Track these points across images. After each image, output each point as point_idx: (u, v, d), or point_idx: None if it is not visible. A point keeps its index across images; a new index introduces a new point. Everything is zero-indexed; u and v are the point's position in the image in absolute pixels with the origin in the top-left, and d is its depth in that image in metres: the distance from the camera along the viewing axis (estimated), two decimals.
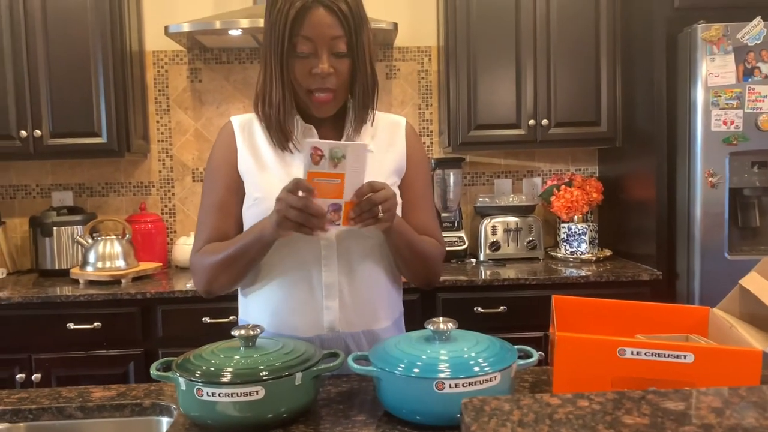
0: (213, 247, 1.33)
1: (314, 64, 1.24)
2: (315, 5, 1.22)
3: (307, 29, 1.22)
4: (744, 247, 2.50)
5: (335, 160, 1.11)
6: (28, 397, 1.25)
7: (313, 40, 1.23)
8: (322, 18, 1.22)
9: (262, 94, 1.30)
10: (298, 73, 1.26)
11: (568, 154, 3.16)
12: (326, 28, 1.22)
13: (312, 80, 1.26)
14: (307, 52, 1.24)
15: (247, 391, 1.02)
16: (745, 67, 2.37)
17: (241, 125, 1.37)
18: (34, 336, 2.40)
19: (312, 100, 1.28)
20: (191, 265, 1.37)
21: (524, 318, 2.48)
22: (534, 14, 2.73)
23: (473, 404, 0.68)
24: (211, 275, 1.31)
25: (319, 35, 1.23)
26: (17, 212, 3.01)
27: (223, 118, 3.03)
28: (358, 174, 1.14)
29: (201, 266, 1.33)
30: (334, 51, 1.24)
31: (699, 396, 0.69)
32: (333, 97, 1.28)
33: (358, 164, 1.13)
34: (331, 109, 1.31)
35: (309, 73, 1.25)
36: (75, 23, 2.62)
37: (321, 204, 1.14)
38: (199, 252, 1.34)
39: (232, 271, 1.30)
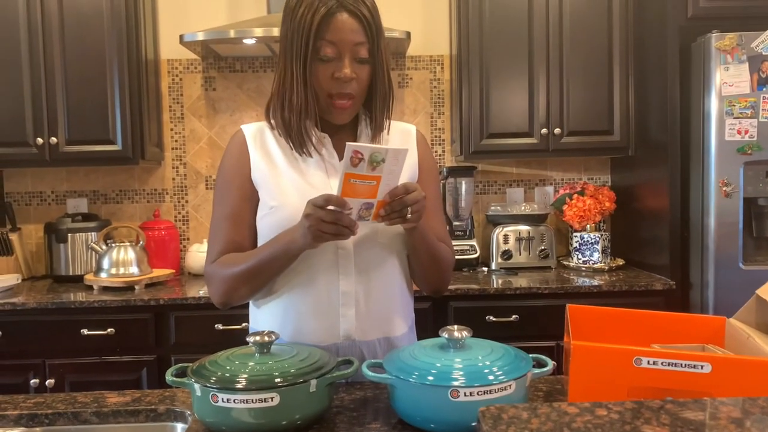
0: (231, 258, 1.32)
1: (337, 68, 1.25)
2: (339, 10, 1.23)
3: (331, 34, 1.23)
4: (758, 257, 2.48)
5: (374, 164, 1.12)
6: (44, 402, 1.26)
7: (336, 45, 1.24)
8: (346, 23, 1.23)
9: (281, 98, 1.30)
10: (320, 77, 1.26)
11: (581, 163, 3.16)
12: (350, 33, 1.24)
13: (334, 85, 1.26)
14: (331, 56, 1.25)
15: (262, 397, 1.02)
16: (759, 76, 2.36)
17: (252, 134, 1.37)
18: (49, 341, 2.42)
19: (333, 105, 1.28)
20: (207, 276, 1.36)
21: (536, 327, 2.47)
22: (546, 23, 2.74)
23: (491, 412, 0.67)
24: (231, 286, 1.31)
25: (342, 40, 1.24)
26: (32, 219, 3.04)
27: (236, 126, 3.05)
28: (394, 176, 1.16)
29: (219, 277, 1.32)
30: (357, 57, 1.26)
31: (718, 406, 0.69)
32: (352, 104, 1.29)
33: (395, 167, 1.15)
34: (349, 115, 1.32)
35: (331, 77, 1.26)
36: (91, 31, 2.65)
37: (354, 203, 1.15)
38: (214, 263, 1.33)
39: (255, 282, 1.30)
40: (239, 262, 1.29)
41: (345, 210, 1.15)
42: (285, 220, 1.28)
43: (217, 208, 1.36)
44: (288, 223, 1.28)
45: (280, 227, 1.29)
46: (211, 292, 1.35)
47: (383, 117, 1.35)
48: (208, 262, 1.36)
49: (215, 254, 1.34)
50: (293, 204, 1.29)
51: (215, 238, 1.35)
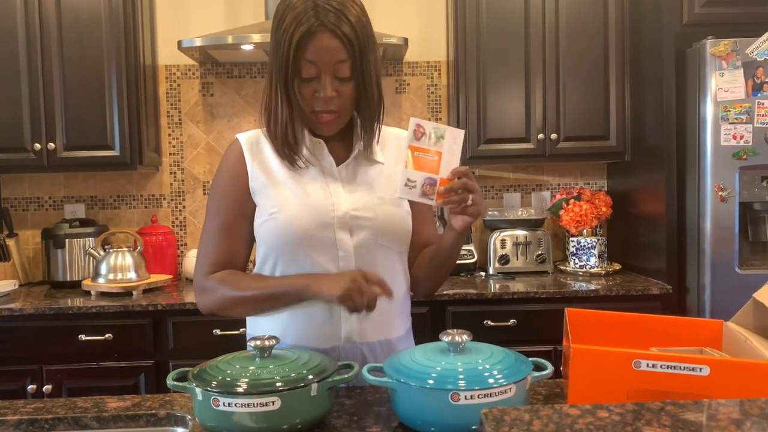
0: (229, 277, 1.32)
1: (318, 87, 1.25)
2: (320, 29, 1.21)
3: (311, 53, 1.22)
4: (754, 262, 2.49)
5: (435, 138, 1.21)
6: (44, 407, 1.25)
7: (317, 65, 1.23)
8: (326, 42, 1.21)
9: (268, 111, 1.31)
10: (303, 94, 1.26)
11: (577, 168, 3.17)
12: (330, 53, 1.22)
13: (316, 102, 1.26)
14: (312, 76, 1.24)
15: (263, 401, 1.02)
16: (754, 82, 2.38)
17: (248, 142, 1.37)
18: (46, 347, 2.42)
19: (317, 120, 1.29)
20: (197, 285, 1.37)
21: (534, 331, 2.48)
22: (543, 29, 2.76)
23: (493, 414, 0.68)
24: (225, 305, 1.33)
25: (322, 60, 1.23)
26: (30, 224, 3.04)
27: (234, 131, 3.06)
28: (454, 155, 1.22)
29: (213, 293, 1.33)
30: (338, 75, 1.25)
31: (718, 407, 0.70)
32: (336, 117, 1.29)
33: (455, 146, 1.22)
34: (335, 127, 1.32)
35: (313, 95, 1.26)
36: (89, 37, 2.66)
37: (418, 177, 1.20)
38: (210, 277, 1.34)
39: (253, 309, 1.33)
40: (242, 286, 1.31)
41: (385, 295, 1.19)
42: (285, 228, 1.29)
43: (210, 218, 1.37)
44: (288, 230, 1.28)
45: (280, 234, 1.29)
46: (201, 300, 1.36)
47: (374, 128, 1.35)
48: (199, 272, 1.35)
49: (208, 265, 1.34)
50: (293, 210, 1.29)
51: (208, 249, 1.35)
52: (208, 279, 1.34)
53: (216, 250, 1.35)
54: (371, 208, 1.32)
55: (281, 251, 1.31)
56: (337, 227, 1.30)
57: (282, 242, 1.30)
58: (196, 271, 1.37)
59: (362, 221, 1.31)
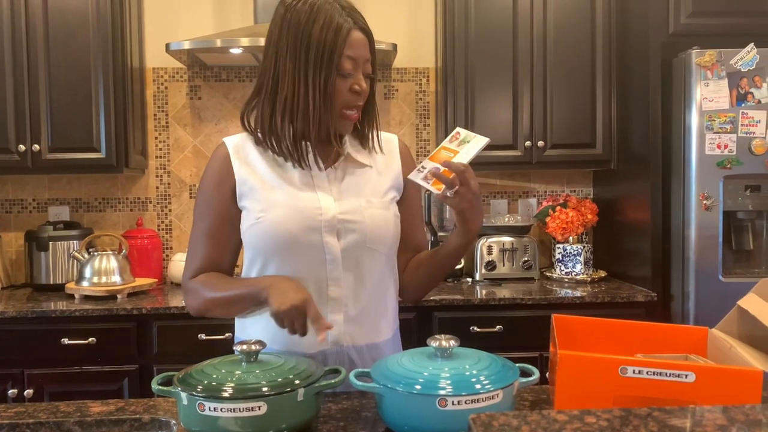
0: (210, 279, 1.35)
1: (353, 82, 1.30)
2: (355, 27, 1.29)
3: (351, 50, 1.28)
4: (738, 270, 2.52)
5: (462, 142, 1.32)
6: (26, 411, 1.24)
7: (355, 60, 1.29)
8: (361, 40, 1.29)
9: (292, 111, 1.29)
10: (340, 91, 1.29)
11: (564, 175, 3.19)
12: (364, 50, 1.30)
13: (351, 98, 1.31)
14: (350, 72, 1.29)
15: (249, 406, 1.01)
16: (738, 92, 2.41)
17: (235, 147, 1.36)
18: (28, 351, 2.38)
19: (345, 117, 1.32)
20: (185, 288, 1.39)
21: (520, 338, 2.49)
22: (531, 37, 2.77)
23: (481, 420, 0.68)
24: (206, 307, 1.35)
25: (359, 56, 1.29)
26: (13, 226, 3.00)
27: (221, 135, 3.05)
28: (467, 155, 1.29)
29: (196, 295, 1.35)
30: (366, 72, 1.32)
31: (704, 413, 0.70)
32: (359, 116, 1.35)
33: (472, 149, 1.30)
34: (352, 126, 1.36)
35: (349, 90, 1.30)
36: (76, 39, 2.64)
37: (429, 165, 1.29)
38: (193, 279, 1.37)
39: (229, 310, 1.35)
40: (217, 287, 1.33)
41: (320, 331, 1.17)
42: (271, 231, 1.29)
43: (197, 223, 1.38)
44: (274, 233, 1.28)
45: (267, 237, 1.29)
46: (188, 303, 1.39)
47: (373, 127, 1.40)
48: (186, 275, 1.38)
49: (193, 270, 1.37)
50: (281, 213, 1.29)
51: (194, 254, 1.38)
52: (192, 281, 1.37)
53: (201, 255, 1.37)
54: (359, 212, 1.32)
55: (268, 255, 1.31)
56: (325, 231, 1.30)
57: (269, 246, 1.30)
58: (184, 273, 1.40)
59: (350, 224, 1.31)
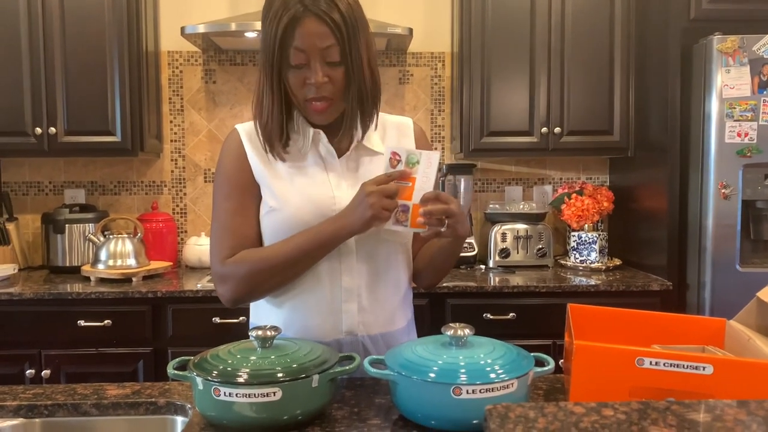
0: (252, 253, 1.28)
1: (308, 74, 1.22)
2: (306, 14, 1.18)
3: (298, 40, 1.20)
4: (755, 260, 2.49)
5: (410, 165, 1.22)
6: (44, 393, 1.25)
7: (305, 51, 1.21)
8: (313, 28, 1.19)
9: (258, 103, 1.28)
10: (293, 83, 1.24)
11: (580, 162, 3.16)
12: (317, 39, 1.19)
13: (307, 90, 1.24)
14: (301, 63, 1.22)
15: (264, 392, 1.02)
16: (760, 79, 2.36)
17: (247, 133, 1.34)
18: (45, 332, 2.41)
19: (309, 108, 1.27)
20: (221, 274, 1.29)
21: (533, 325, 2.48)
22: (549, 22, 2.74)
23: (498, 411, 0.68)
24: (257, 281, 1.27)
25: (310, 46, 1.20)
26: (30, 209, 3.03)
27: (236, 119, 3.05)
28: (428, 180, 1.22)
29: (240, 273, 1.27)
30: (327, 60, 1.22)
31: (725, 408, 0.69)
32: (329, 105, 1.26)
33: (429, 170, 1.22)
34: (329, 116, 1.29)
35: (303, 83, 1.24)
36: (92, 22, 2.64)
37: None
38: (229, 261, 1.28)
39: (288, 273, 1.27)
40: (269, 255, 1.26)
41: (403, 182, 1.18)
42: (286, 221, 1.28)
43: (221, 205, 1.32)
44: (289, 223, 1.27)
45: (281, 228, 1.28)
46: (227, 289, 1.29)
47: (367, 114, 1.32)
48: (218, 260, 1.29)
49: (227, 249, 1.28)
50: (294, 204, 1.28)
51: (224, 234, 1.30)
52: (224, 265, 1.29)
53: (230, 234, 1.30)
54: None
55: None
56: None
57: (284, 235, 1.28)
58: (213, 263, 1.31)
59: None
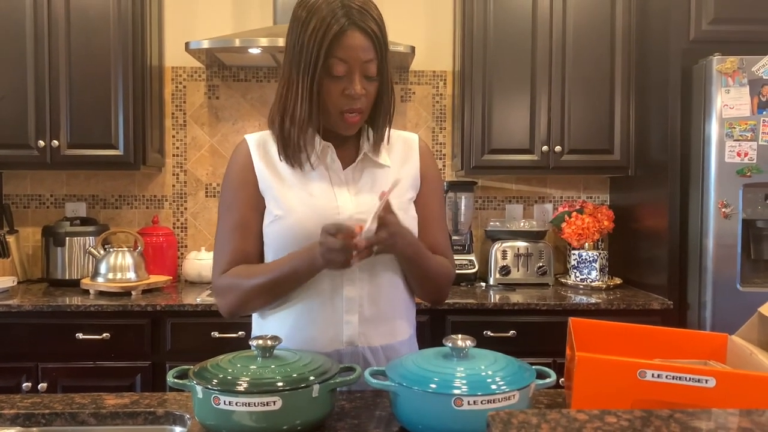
0: (245, 270, 1.31)
1: (347, 85, 1.25)
2: (351, 27, 1.22)
3: (343, 51, 1.23)
4: (756, 279, 2.48)
5: None
6: (41, 402, 1.24)
7: (348, 63, 1.24)
8: (357, 41, 1.23)
9: (282, 109, 1.30)
10: (332, 93, 1.26)
11: (580, 181, 3.17)
12: (361, 52, 1.23)
13: (344, 101, 1.27)
14: (341, 74, 1.25)
15: (264, 401, 1.01)
16: (759, 99, 2.38)
17: (256, 144, 1.37)
18: (43, 345, 2.40)
19: (343, 120, 1.29)
20: (217, 287, 1.34)
21: (534, 343, 2.47)
22: (550, 41, 2.76)
23: (500, 417, 0.67)
24: (247, 298, 1.30)
25: (353, 58, 1.24)
26: (30, 221, 3.03)
27: (239, 135, 3.06)
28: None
29: (232, 289, 1.31)
30: (366, 74, 1.26)
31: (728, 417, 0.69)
32: (360, 118, 1.30)
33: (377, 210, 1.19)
34: (357, 128, 1.32)
35: (341, 94, 1.26)
36: (97, 36, 2.66)
37: None
38: (225, 275, 1.32)
39: (272, 295, 1.31)
40: (256, 274, 1.29)
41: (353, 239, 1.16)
42: (290, 230, 1.29)
43: (223, 218, 1.35)
44: (293, 232, 1.28)
45: (286, 236, 1.29)
46: (222, 303, 1.34)
47: (385, 128, 1.36)
48: (217, 273, 1.34)
49: (224, 264, 1.33)
50: (298, 214, 1.29)
51: (223, 249, 1.34)
52: (220, 278, 1.33)
53: (230, 248, 1.33)
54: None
55: (286, 252, 1.31)
56: None
57: (287, 243, 1.29)
58: (213, 275, 1.36)
59: None
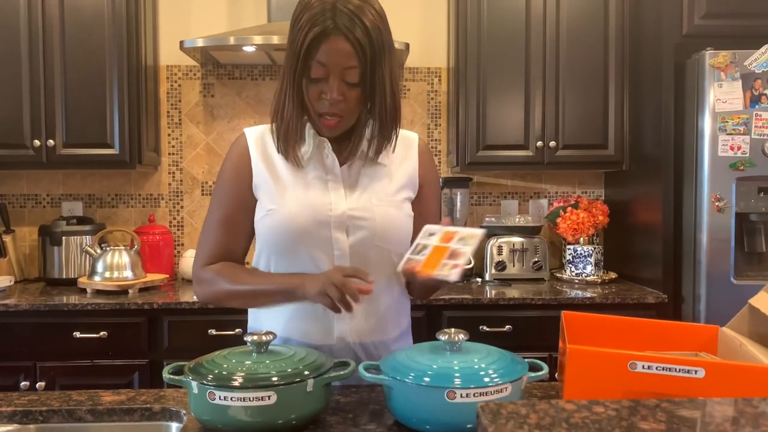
0: (227, 270, 1.34)
1: (325, 89, 1.25)
2: (334, 32, 1.20)
3: (322, 55, 1.22)
4: (750, 272, 2.50)
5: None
6: (38, 399, 1.25)
7: (326, 67, 1.23)
8: (338, 46, 1.21)
9: (276, 106, 1.32)
10: (310, 95, 1.27)
11: (575, 176, 3.18)
12: (341, 57, 1.22)
13: (321, 104, 1.26)
14: (320, 77, 1.24)
15: (259, 395, 1.02)
16: (752, 93, 2.39)
17: (255, 138, 1.38)
18: (40, 344, 2.41)
19: (320, 122, 1.29)
20: (196, 277, 1.38)
21: (529, 338, 2.48)
22: (543, 38, 2.77)
23: (490, 408, 0.68)
24: (220, 298, 1.35)
25: (332, 62, 1.22)
26: (27, 221, 3.03)
27: (234, 133, 3.06)
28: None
29: (210, 284, 1.35)
30: (346, 79, 1.24)
31: (714, 405, 0.70)
32: (339, 122, 1.29)
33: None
34: (336, 131, 1.31)
35: (319, 97, 1.26)
36: (92, 36, 2.66)
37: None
38: (208, 267, 1.36)
39: (250, 303, 1.36)
40: (236, 280, 1.32)
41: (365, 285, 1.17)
42: (282, 223, 1.30)
43: (212, 211, 1.38)
44: (285, 226, 1.29)
45: (277, 230, 1.30)
46: (200, 291, 1.38)
47: (392, 133, 1.34)
48: (199, 263, 1.37)
49: (206, 257, 1.37)
50: (290, 208, 1.30)
51: (207, 240, 1.37)
52: (204, 270, 1.36)
53: (214, 242, 1.37)
54: (369, 209, 1.32)
55: (278, 247, 1.32)
56: (334, 226, 1.30)
57: (279, 238, 1.31)
58: (195, 261, 1.39)
59: (359, 221, 1.31)
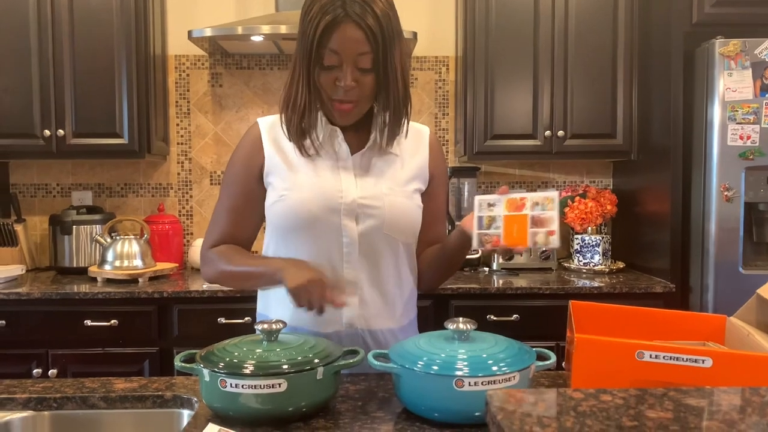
0: (227, 252, 1.38)
1: (339, 76, 1.26)
2: (345, 19, 1.22)
3: (334, 43, 1.23)
4: (758, 262, 2.49)
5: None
6: (52, 386, 1.27)
7: (339, 54, 1.24)
8: (350, 33, 1.22)
9: (287, 96, 1.33)
10: (323, 82, 1.28)
11: (583, 166, 3.18)
12: (353, 44, 1.23)
13: (335, 91, 1.28)
14: (333, 64, 1.26)
15: (270, 383, 1.04)
16: (762, 82, 2.38)
17: (267, 127, 1.40)
18: (52, 332, 2.44)
19: (334, 108, 1.30)
20: (202, 257, 1.43)
21: (537, 327, 2.49)
22: (552, 26, 2.76)
23: (498, 396, 0.69)
24: (221, 278, 1.40)
25: (345, 50, 1.24)
26: (37, 210, 3.06)
27: (242, 122, 3.07)
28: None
29: (212, 265, 1.39)
30: (359, 66, 1.26)
31: (721, 394, 0.71)
32: (353, 108, 1.30)
33: None
34: (351, 118, 1.33)
35: (333, 84, 1.27)
36: (100, 26, 2.67)
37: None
38: (212, 249, 1.40)
39: (242, 285, 1.40)
40: (232, 261, 1.36)
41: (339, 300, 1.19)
42: (292, 209, 1.31)
43: (222, 198, 1.42)
44: (295, 212, 1.31)
45: (288, 216, 1.32)
46: (204, 271, 1.43)
47: (400, 123, 1.35)
48: (206, 244, 1.42)
49: (213, 240, 1.41)
50: (302, 194, 1.32)
51: (215, 226, 1.42)
52: (209, 251, 1.41)
53: (221, 229, 1.41)
54: (379, 198, 1.33)
55: (288, 232, 1.34)
56: (344, 214, 1.31)
57: (289, 224, 1.32)
58: (203, 243, 1.44)
59: (369, 210, 1.32)
